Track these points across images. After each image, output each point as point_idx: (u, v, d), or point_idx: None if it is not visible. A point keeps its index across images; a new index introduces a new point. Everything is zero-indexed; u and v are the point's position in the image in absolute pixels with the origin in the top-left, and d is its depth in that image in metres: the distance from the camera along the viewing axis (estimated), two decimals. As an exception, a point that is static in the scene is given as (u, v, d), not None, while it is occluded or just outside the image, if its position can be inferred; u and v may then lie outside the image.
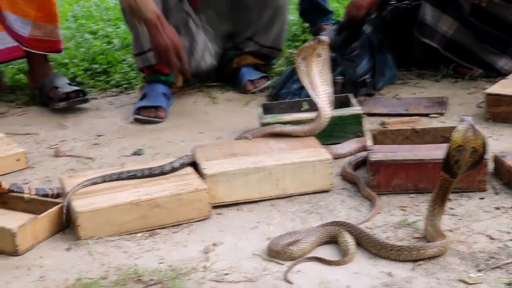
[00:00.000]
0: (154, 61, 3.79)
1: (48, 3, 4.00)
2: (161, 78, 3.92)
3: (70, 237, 2.74)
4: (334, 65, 3.59)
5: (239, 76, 4.12)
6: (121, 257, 2.60)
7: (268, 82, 4.15)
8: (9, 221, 2.68)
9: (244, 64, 4.15)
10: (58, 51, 4.14)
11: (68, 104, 3.92)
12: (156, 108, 3.81)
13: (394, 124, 3.46)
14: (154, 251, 2.63)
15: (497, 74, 4.00)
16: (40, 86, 4.04)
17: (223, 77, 4.22)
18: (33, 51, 4.00)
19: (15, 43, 4.09)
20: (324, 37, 3.07)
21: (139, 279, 2.45)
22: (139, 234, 2.73)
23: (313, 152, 2.99)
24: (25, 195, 2.91)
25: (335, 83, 3.32)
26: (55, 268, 2.56)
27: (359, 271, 2.44)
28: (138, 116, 3.81)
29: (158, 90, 3.89)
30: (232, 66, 4.17)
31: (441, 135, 3.12)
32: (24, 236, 2.65)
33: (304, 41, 4.69)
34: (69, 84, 4.04)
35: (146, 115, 3.79)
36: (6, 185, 2.90)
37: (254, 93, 4.06)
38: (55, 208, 2.79)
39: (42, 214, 2.75)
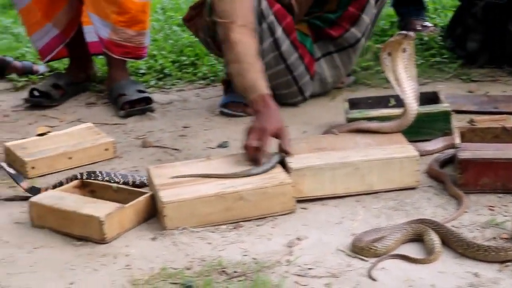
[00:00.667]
0: None
1: (134, 9, 3.94)
2: None
3: (155, 226, 2.78)
4: None
5: None
6: (206, 248, 2.62)
7: (353, 78, 4.12)
8: (97, 210, 2.73)
9: None
10: (138, 57, 4.11)
11: (128, 114, 3.89)
12: (245, 103, 3.69)
13: (483, 122, 3.40)
14: (238, 243, 2.64)
15: None
16: (110, 90, 4.05)
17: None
18: (109, 53, 4.00)
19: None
20: (411, 32, 3.02)
21: (223, 271, 2.47)
22: (223, 226, 2.75)
23: (400, 149, 2.96)
24: (113, 185, 2.96)
25: None
26: (140, 257, 2.59)
27: (444, 270, 2.40)
28: (225, 110, 3.79)
29: None
30: None
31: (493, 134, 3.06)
32: (111, 225, 2.70)
33: (392, 35, 4.64)
34: (140, 91, 3.97)
35: (233, 109, 3.78)
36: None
37: (340, 88, 4.03)
38: (142, 198, 2.83)
39: (129, 204, 2.79)
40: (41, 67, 4.60)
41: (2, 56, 4.75)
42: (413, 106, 3.05)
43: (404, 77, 3.05)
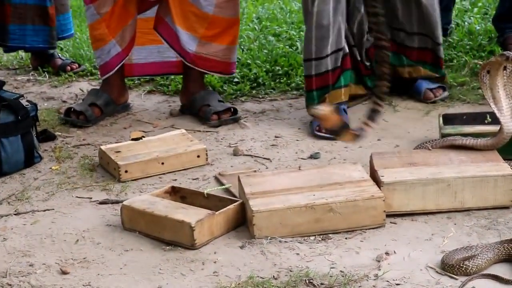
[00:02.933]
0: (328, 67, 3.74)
1: (224, 24, 3.94)
2: None
3: (244, 235, 2.79)
4: None
5: (416, 85, 4.05)
6: (293, 258, 2.62)
7: (446, 93, 4.06)
8: (188, 215, 2.75)
9: (417, 76, 4.08)
10: (227, 73, 4.06)
11: (219, 123, 3.88)
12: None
13: None
14: (326, 255, 2.63)
15: None
16: (191, 102, 4.02)
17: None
18: (194, 67, 3.96)
19: (173, 59, 4.14)
20: None
21: (310, 282, 2.46)
22: (311, 237, 2.74)
23: (495, 167, 2.91)
24: (204, 191, 2.98)
25: None
26: (228, 264, 2.61)
27: (537, 292, 2.35)
28: (319, 134, 3.67)
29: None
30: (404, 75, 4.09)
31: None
32: (201, 231, 2.72)
33: (490, 52, 4.58)
34: (220, 101, 4.00)
35: (328, 132, 3.60)
36: None
37: (434, 102, 3.98)
38: (232, 206, 2.85)
39: (220, 211, 2.81)
40: (82, 66, 4.80)
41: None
42: (509, 125, 2.99)
43: (502, 95, 2.99)
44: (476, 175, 2.85)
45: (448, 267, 2.48)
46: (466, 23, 5.20)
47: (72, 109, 4.00)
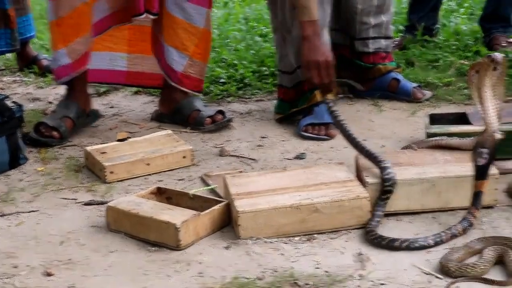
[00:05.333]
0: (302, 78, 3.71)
1: (207, 40, 3.91)
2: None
3: (229, 235, 2.79)
4: None
5: (401, 85, 4.06)
6: (278, 259, 2.62)
7: (430, 93, 4.07)
8: (173, 216, 2.75)
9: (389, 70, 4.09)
10: (199, 91, 4.00)
11: (216, 127, 3.84)
12: (327, 125, 3.67)
13: None
14: (311, 255, 2.64)
15: None
16: (176, 110, 3.93)
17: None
18: (179, 87, 3.90)
19: (122, 68, 4.07)
20: (499, 56, 2.95)
21: (295, 283, 2.46)
22: (296, 238, 2.74)
23: (479, 166, 2.92)
24: (190, 192, 2.98)
25: None
26: (213, 265, 2.61)
27: (521, 292, 2.36)
28: (306, 134, 3.69)
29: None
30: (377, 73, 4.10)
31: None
32: (186, 232, 2.72)
33: (476, 52, 4.59)
34: (206, 106, 3.97)
35: (315, 133, 3.67)
36: None
37: (419, 102, 3.99)
38: (217, 206, 2.85)
39: (205, 212, 2.81)
40: None
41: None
42: (493, 125, 2.99)
43: (489, 96, 2.99)
44: (461, 175, 2.86)
45: (445, 269, 2.47)
46: (452, 23, 5.22)
47: (43, 124, 3.73)
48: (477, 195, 2.77)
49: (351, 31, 4.06)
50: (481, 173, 2.77)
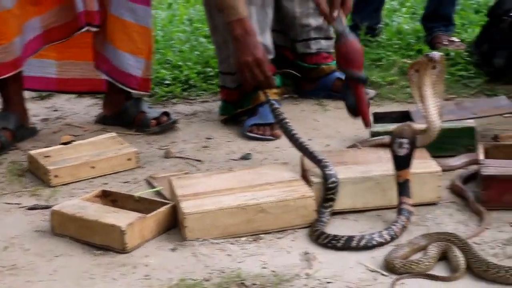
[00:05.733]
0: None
1: (153, 39, 3.90)
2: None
3: (176, 237, 2.78)
4: None
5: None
6: (225, 260, 2.62)
7: (374, 92, 4.11)
8: (118, 219, 2.73)
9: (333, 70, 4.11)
10: (148, 90, 3.96)
11: (161, 129, 3.82)
12: (271, 125, 3.66)
13: (508, 138, 3.38)
14: (258, 255, 2.64)
15: None
16: (121, 112, 3.92)
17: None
18: (141, 92, 3.87)
19: (52, 75, 3.98)
20: (437, 55, 2.99)
21: (242, 283, 2.46)
22: (243, 238, 2.74)
23: (423, 164, 2.95)
24: (135, 194, 2.97)
25: None
26: (160, 267, 2.60)
27: (465, 287, 2.39)
28: (251, 134, 3.69)
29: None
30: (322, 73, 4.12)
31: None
32: (132, 234, 2.70)
33: (419, 51, 4.64)
34: (150, 107, 3.95)
35: (260, 133, 3.68)
36: None
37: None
38: (163, 208, 2.83)
39: (151, 214, 2.79)
40: None
41: None
42: (435, 123, 3.03)
43: (430, 94, 3.03)
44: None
45: (391, 266, 2.49)
46: (395, 22, 5.28)
47: None
48: (404, 184, 2.79)
49: (292, 34, 4.08)
50: (403, 163, 2.79)
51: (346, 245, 2.63)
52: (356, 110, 3.33)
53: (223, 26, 3.69)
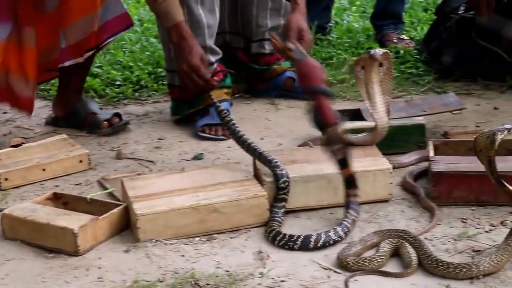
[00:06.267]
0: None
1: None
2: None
3: (128, 239, 2.77)
4: None
5: (296, 84, 4.07)
6: (179, 260, 2.61)
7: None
8: (70, 222, 2.71)
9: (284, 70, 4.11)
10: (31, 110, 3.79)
11: (112, 131, 3.79)
12: (223, 125, 3.59)
13: (457, 135, 3.42)
14: (211, 255, 2.64)
15: None
16: (72, 113, 3.87)
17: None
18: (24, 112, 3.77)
19: None
20: (378, 52, 3.01)
21: (196, 283, 2.46)
22: (196, 238, 2.74)
23: (374, 162, 2.97)
24: (87, 196, 2.95)
25: None
26: (113, 269, 2.58)
27: (416, 282, 2.41)
28: (203, 134, 3.69)
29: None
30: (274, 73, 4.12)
31: (506, 148, 3.07)
32: (84, 237, 2.68)
33: (368, 49, 4.66)
34: (101, 109, 3.92)
35: (212, 133, 3.68)
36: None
37: None
38: (116, 210, 2.82)
39: (103, 216, 2.78)
40: None
41: None
42: (381, 121, 3.05)
43: (377, 92, 3.05)
44: (355, 170, 2.90)
45: (344, 264, 2.50)
46: (345, 21, 5.31)
47: None
48: (350, 178, 2.81)
49: (248, 33, 4.08)
50: (343, 163, 2.81)
51: (303, 246, 2.64)
52: (323, 126, 3.06)
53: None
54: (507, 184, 2.48)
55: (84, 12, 3.62)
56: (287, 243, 2.65)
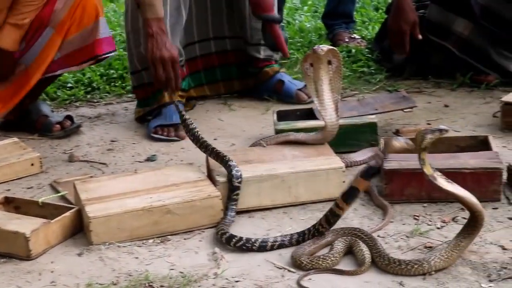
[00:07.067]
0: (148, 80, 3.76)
1: None
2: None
3: (82, 242, 2.75)
4: None
5: (285, 87, 4.08)
6: (132, 263, 2.60)
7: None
8: (22, 226, 2.69)
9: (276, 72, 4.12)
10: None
11: (64, 134, 3.76)
12: (176, 126, 3.67)
13: (408, 132, 3.45)
14: (165, 257, 2.63)
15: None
16: (23, 116, 3.83)
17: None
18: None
19: None
20: (321, 49, 3.02)
21: (150, 285, 2.45)
22: (150, 240, 2.73)
23: (327, 160, 2.99)
24: (39, 200, 2.92)
25: None
26: (66, 273, 2.56)
27: (370, 280, 2.43)
28: (155, 136, 3.68)
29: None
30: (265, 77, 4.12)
31: (456, 145, 3.10)
32: (37, 241, 2.66)
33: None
34: (53, 111, 3.91)
35: (165, 134, 3.67)
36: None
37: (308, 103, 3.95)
38: (68, 213, 2.80)
39: (56, 219, 2.75)
40: None
41: None
42: (330, 119, 3.07)
43: (326, 89, 3.06)
44: (309, 169, 2.92)
45: (298, 263, 2.51)
46: (297, 21, 5.33)
47: None
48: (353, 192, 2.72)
49: (244, 36, 4.06)
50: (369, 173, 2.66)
51: (261, 249, 2.63)
52: (275, 46, 3.74)
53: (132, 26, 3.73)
54: (439, 179, 2.49)
55: (80, 27, 3.67)
56: (245, 245, 2.64)
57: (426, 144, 2.46)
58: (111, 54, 3.80)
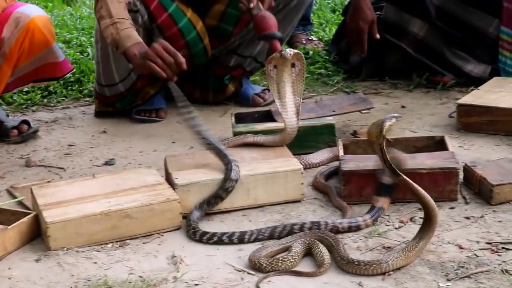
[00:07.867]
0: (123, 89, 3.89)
1: None
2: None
3: (40, 247, 2.73)
4: None
5: (242, 91, 4.09)
6: (91, 268, 2.59)
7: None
8: (-22, 232, 2.67)
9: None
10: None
11: (22, 139, 3.74)
12: (157, 110, 3.94)
13: (366, 134, 3.46)
14: (124, 261, 2.62)
15: (467, 79, 4.05)
16: None
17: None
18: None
19: None
20: (288, 53, 3.03)
21: (109, 290, 2.45)
22: (109, 245, 2.72)
23: (285, 162, 2.99)
24: (-5, 206, 2.90)
25: None
26: (24, 279, 2.54)
27: (329, 281, 2.44)
28: (138, 117, 3.93)
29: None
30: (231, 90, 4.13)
31: (413, 145, 3.13)
32: (-7, 247, 2.64)
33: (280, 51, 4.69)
34: (8, 116, 3.88)
35: (147, 115, 3.92)
36: None
37: (263, 106, 3.99)
38: (25, 219, 2.77)
39: (13, 225, 2.73)
40: None
41: None
42: (290, 121, 3.08)
43: (288, 92, 3.07)
44: (267, 171, 2.92)
45: (255, 265, 2.51)
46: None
47: None
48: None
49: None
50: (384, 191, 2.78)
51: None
52: None
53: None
54: (402, 174, 2.52)
55: (30, 56, 3.66)
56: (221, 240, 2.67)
57: (387, 130, 2.49)
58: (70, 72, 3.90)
